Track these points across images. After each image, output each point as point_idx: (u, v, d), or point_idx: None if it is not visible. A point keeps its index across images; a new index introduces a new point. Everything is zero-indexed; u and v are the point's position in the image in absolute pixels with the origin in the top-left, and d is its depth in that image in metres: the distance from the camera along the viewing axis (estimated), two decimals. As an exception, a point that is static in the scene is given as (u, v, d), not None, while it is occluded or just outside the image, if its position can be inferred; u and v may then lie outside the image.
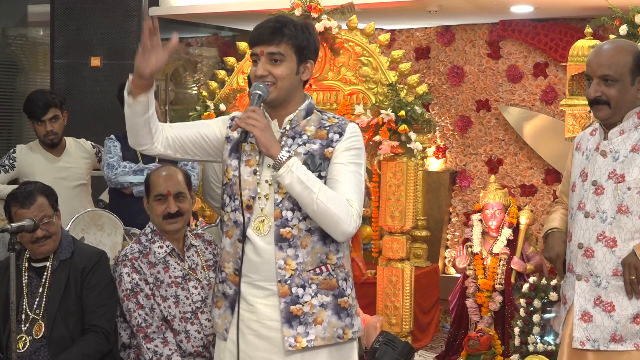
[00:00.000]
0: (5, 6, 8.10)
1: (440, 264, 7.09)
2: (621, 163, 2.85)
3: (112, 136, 4.44)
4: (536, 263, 5.60)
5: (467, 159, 7.28)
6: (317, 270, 2.62)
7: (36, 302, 3.38)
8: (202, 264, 3.53)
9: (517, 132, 6.97)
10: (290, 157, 2.50)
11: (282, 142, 2.63)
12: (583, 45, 5.25)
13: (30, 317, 3.36)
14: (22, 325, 3.35)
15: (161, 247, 3.46)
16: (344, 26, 5.41)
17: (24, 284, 3.39)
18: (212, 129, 2.75)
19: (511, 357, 4.88)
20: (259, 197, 2.60)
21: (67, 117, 4.58)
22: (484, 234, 5.70)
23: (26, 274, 3.42)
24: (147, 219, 3.60)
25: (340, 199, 2.53)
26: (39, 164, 4.49)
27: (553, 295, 4.80)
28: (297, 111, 2.66)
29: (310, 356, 2.61)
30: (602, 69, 2.86)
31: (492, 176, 6.07)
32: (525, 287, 4.92)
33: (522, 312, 4.88)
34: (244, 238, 2.61)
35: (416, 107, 5.06)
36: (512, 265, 5.54)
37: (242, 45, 5.63)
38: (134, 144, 2.70)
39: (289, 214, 2.58)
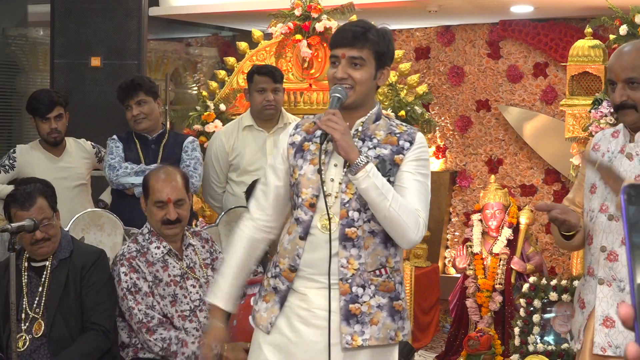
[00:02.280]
0: (5, 6, 8.10)
1: (440, 264, 7.09)
2: None
3: (114, 137, 4.44)
4: (536, 263, 5.60)
5: (467, 159, 7.28)
6: (377, 272, 2.65)
7: (36, 301, 3.39)
8: (200, 263, 3.53)
9: (517, 132, 6.97)
10: (368, 162, 2.54)
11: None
12: (583, 45, 5.24)
13: (30, 316, 3.37)
14: (22, 324, 3.35)
15: (158, 247, 3.46)
16: (344, 26, 5.41)
17: (23, 284, 3.40)
18: (280, 176, 2.75)
19: (511, 357, 4.88)
20: (326, 196, 2.62)
21: (68, 118, 4.59)
22: (484, 234, 5.70)
23: (26, 273, 3.43)
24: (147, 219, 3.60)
25: (410, 208, 2.58)
26: (39, 164, 4.49)
27: (553, 295, 4.80)
28: (368, 115, 2.69)
29: (351, 354, 2.64)
30: (627, 72, 2.76)
31: (492, 176, 6.07)
32: (525, 287, 4.92)
33: (522, 312, 4.88)
34: (306, 235, 2.63)
35: (416, 107, 5.07)
36: (512, 265, 5.55)
37: (242, 45, 5.63)
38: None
39: (356, 215, 2.62)
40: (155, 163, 4.31)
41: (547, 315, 4.84)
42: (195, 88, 8.46)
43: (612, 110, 4.55)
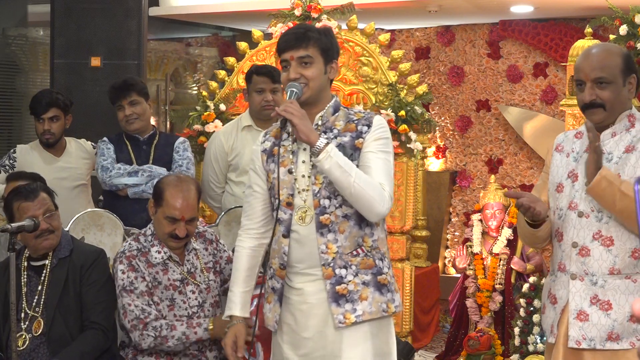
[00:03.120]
0: (5, 6, 8.10)
1: (440, 264, 7.09)
2: (615, 164, 2.86)
3: (104, 139, 4.43)
4: (536, 263, 5.60)
5: (467, 159, 7.28)
6: (354, 252, 2.80)
7: (35, 300, 3.40)
8: (202, 267, 3.50)
9: (517, 132, 6.97)
10: (327, 143, 2.70)
11: None
12: (583, 45, 5.24)
13: (30, 315, 3.38)
14: (22, 323, 3.36)
15: (159, 252, 3.43)
16: (344, 26, 5.42)
17: (23, 283, 3.41)
18: (263, 179, 2.95)
19: (511, 357, 4.88)
20: (299, 192, 2.80)
21: (70, 120, 4.58)
22: (484, 234, 5.70)
23: (25, 272, 3.44)
24: (142, 220, 3.59)
25: (373, 183, 2.73)
26: (39, 164, 4.49)
27: (553, 295, 4.81)
28: (326, 108, 2.85)
29: (354, 330, 2.78)
30: (595, 72, 2.86)
31: (492, 176, 6.07)
32: (525, 287, 4.92)
33: (522, 312, 4.89)
34: (288, 233, 2.80)
35: (416, 107, 5.06)
36: (512, 265, 5.55)
37: (242, 45, 5.63)
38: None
39: (327, 202, 2.78)
40: (147, 164, 4.31)
41: (547, 315, 4.84)
42: (195, 88, 8.46)
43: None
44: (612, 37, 5.06)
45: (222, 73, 5.64)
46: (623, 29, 4.94)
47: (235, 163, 4.50)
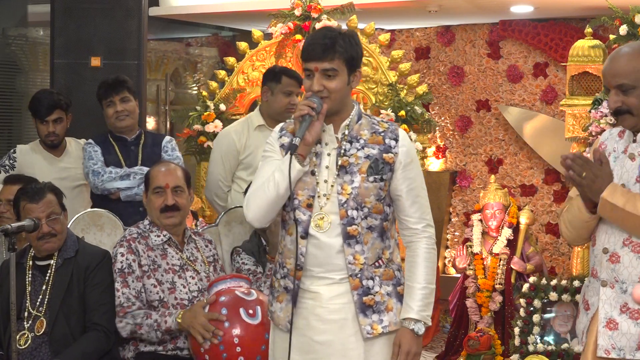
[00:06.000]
0: (5, 6, 8.10)
1: (440, 264, 7.09)
2: None
3: (90, 141, 4.41)
4: (536, 263, 5.60)
5: (467, 159, 7.28)
6: (376, 263, 2.82)
7: (39, 300, 3.41)
8: (203, 259, 3.57)
9: (517, 132, 6.97)
10: None
11: (342, 147, 2.81)
12: (583, 45, 5.25)
13: (33, 314, 3.39)
14: (25, 323, 3.38)
15: (158, 236, 3.52)
16: (344, 26, 5.41)
17: (27, 282, 3.42)
18: (279, 158, 2.88)
19: (511, 357, 4.88)
20: (319, 196, 2.79)
21: (70, 120, 4.58)
22: (484, 234, 5.70)
23: (30, 272, 3.45)
24: (135, 222, 3.62)
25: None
26: (40, 164, 4.49)
27: (553, 295, 4.80)
28: (350, 117, 2.84)
29: (370, 342, 2.79)
30: (617, 78, 2.78)
31: (492, 176, 6.07)
32: (525, 287, 4.92)
33: (522, 312, 4.88)
34: (306, 235, 2.78)
35: (416, 107, 5.07)
36: (512, 265, 5.55)
37: (242, 45, 5.63)
38: (264, 221, 2.86)
39: (354, 213, 2.78)
40: (136, 165, 4.31)
41: (547, 315, 4.84)
42: (195, 88, 8.45)
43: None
44: (612, 37, 5.06)
45: (222, 73, 5.64)
46: (623, 29, 4.94)
47: (248, 162, 4.46)
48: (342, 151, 2.80)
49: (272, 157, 2.87)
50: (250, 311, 3.22)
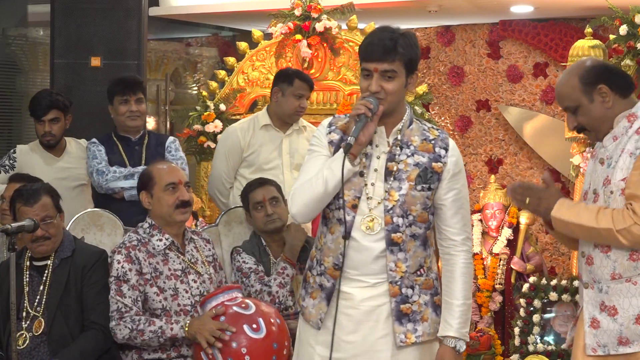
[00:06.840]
0: (5, 6, 8.10)
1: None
2: (612, 168, 2.85)
3: (94, 140, 4.41)
4: (536, 263, 5.60)
5: (467, 159, 7.28)
6: (418, 272, 2.82)
7: (37, 300, 3.41)
8: (203, 259, 3.55)
9: (517, 132, 6.97)
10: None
11: (392, 151, 2.78)
12: (583, 45, 5.25)
13: (31, 314, 3.39)
14: (23, 323, 3.38)
15: (160, 240, 3.47)
16: (344, 26, 5.42)
17: (25, 282, 3.42)
18: (327, 154, 2.84)
19: (511, 357, 4.89)
20: (368, 198, 2.75)
21: (70, 120, 4.58)
22: (484, 234, 5.70)
23: (27, 272, 3.45)
24: (138, 222, 3.60)
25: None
26: (39, 164, 4.49)
27: (553, 295, 4.81)
28: (402, 121, 2.81)
29: (401, 351, 2.78)
30: (562, 102, 2.92)
31: (492, 176, 6.08)
32: (525, 287, 4.92)
33: (522, 312, 4.89)
34: (348, 235, 2.75)
35: (416, 107, 5.07)
36: (512, 265, 5.55)
37: (242, 45, 5.63)
38: (307, 217, 2.84)
39: (400, 220, 2.76)
40: (140, 165, 4.31)
41: (547, 315, 4.84)
42: (195, 88, 8.46)
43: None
44: (612, 37, 5.07)
45: (222, 73, 5.64)
46: (623, 29, 4.94)
47: (251, 160, 4.49)
48: (392, 156, 2.77)
49: (319, 153, 2.82)
50: (254, 325, 3.16)
